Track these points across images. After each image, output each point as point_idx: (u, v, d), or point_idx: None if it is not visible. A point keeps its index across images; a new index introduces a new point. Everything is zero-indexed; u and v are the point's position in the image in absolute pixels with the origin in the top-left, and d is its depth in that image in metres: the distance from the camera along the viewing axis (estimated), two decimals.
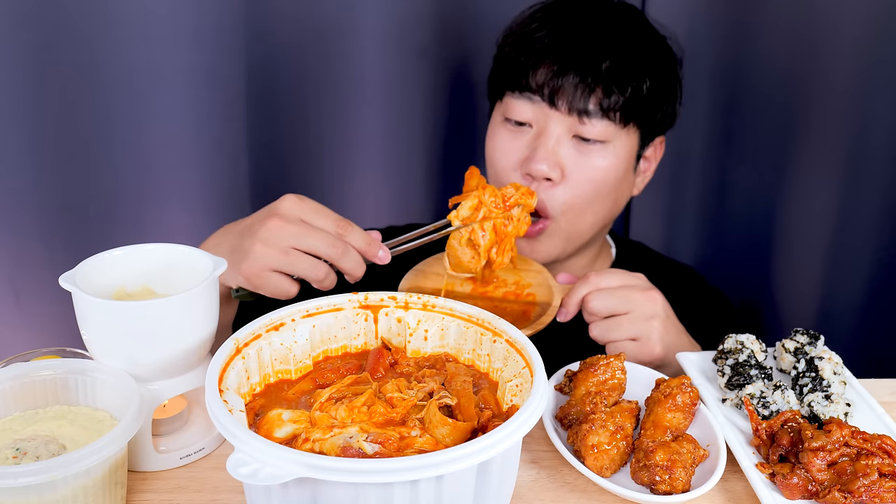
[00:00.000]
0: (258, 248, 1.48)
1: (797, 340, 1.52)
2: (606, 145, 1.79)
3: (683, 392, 1.35)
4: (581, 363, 1.43)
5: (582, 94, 1.76)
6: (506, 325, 1.26)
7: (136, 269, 1.34)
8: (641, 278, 1.67)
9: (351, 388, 1.20)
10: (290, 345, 1.28)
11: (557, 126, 1.78)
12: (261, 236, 1.48)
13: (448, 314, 1.32)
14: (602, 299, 1.61)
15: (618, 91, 1.77)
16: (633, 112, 1.80)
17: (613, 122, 1.78)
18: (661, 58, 1.86)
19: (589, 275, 1.65)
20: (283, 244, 1.47)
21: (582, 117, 1.76)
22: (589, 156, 1.79)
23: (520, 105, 1.81)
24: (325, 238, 1.48)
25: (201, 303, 1.25)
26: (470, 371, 1.27)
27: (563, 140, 1.78)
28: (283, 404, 1.20)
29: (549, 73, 1.77)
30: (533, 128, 1.81)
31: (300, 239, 1.47)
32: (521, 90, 1.81)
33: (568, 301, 1.64)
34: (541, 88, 1.78)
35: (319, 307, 1.31)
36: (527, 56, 1.81)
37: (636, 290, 1.63)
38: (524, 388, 1.18)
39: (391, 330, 1.34)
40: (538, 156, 1.77)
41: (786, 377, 1.51)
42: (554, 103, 1.77)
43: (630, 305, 1.61)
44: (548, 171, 1.76)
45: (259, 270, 1.49)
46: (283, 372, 1.27)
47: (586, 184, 1.80)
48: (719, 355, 1.49)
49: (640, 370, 1.47)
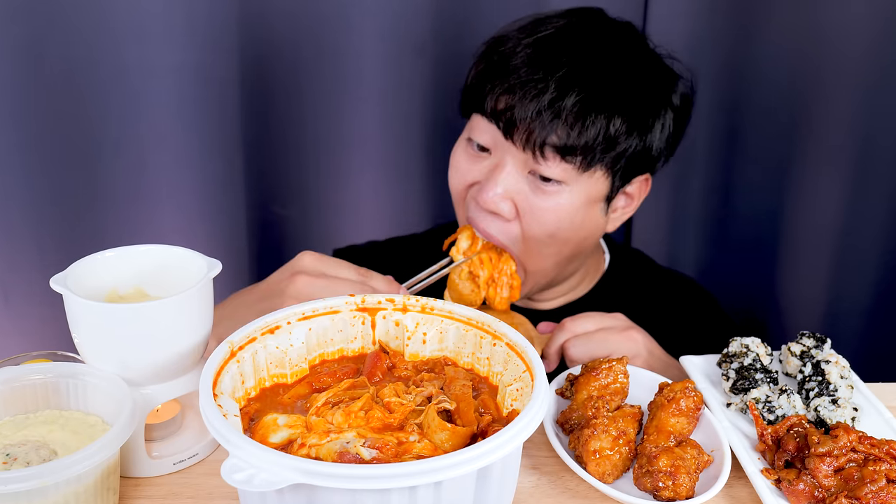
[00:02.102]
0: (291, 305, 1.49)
1: (803, 344, 1.52)
2: (563, 186, 1.70)
3: (687, 396, 1.35)
4: (583, 367, 1.43)
5: (539, 131, 1.66)
6: (506, 329, 1.26)
7: (129, 270, 1.34)
8: (620, 318, 1.67)
9: (348, 392, 1.20)
10: (285, 348, 1.27)
11: (512, 159, 1.71)
12: (291, 293, 1.52)
13: (447, 317, 1.32)
14: (580, 345, 1.61)
15: (579, 132, 1.66)
16: (599, 156, 1.69)
17: (573, 165, 1.68)
18: (644, 88, 1.74)
19: (565, 322, 1.65)
20: (315, 297, 1.49)
21: (537, 155, 1.68)
22: (544, 196, 1.71)
23: (481, 128, 1.74)
24: (353, 287, 1.52)
25: (195, 305, 1.25)
26: (469, 375, 1.27)
27: (517, 174, 1.71)
28: (278, 409, 1.20)
29: (509, 101, 1.69)
30: (492, 155, 1.75)
31: (330, 290, 1.51)
32: (483, 113, 1.74)
33: (548, 351, 1.65)
34: (497, 116, 1.70)
35: (315, 310, 1.31)
36: (489, 79, 1.73)
37: (614, 332, 1.63)
38: (525, 392, 1.18)
39: (389, 333, 1.34)
40: (487, 188, 1.71)
41: (792, 381, 1.51)
42: (510, 135, 1.69)
43: (610, 348, 1.61)
44: (495, 207, 1.71)
45: None
46: (279, 376, 1.27)
47: (539, 225, 1.72)
48: (724, 359, 1.49)
49: (643, 374, 1.47)
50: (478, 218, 1.75)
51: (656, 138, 1.76)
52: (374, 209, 2.45)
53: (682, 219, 2.55)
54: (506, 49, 1.74)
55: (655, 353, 1.65)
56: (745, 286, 2.55)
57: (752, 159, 2.46)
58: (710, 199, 2.53)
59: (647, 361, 1.62)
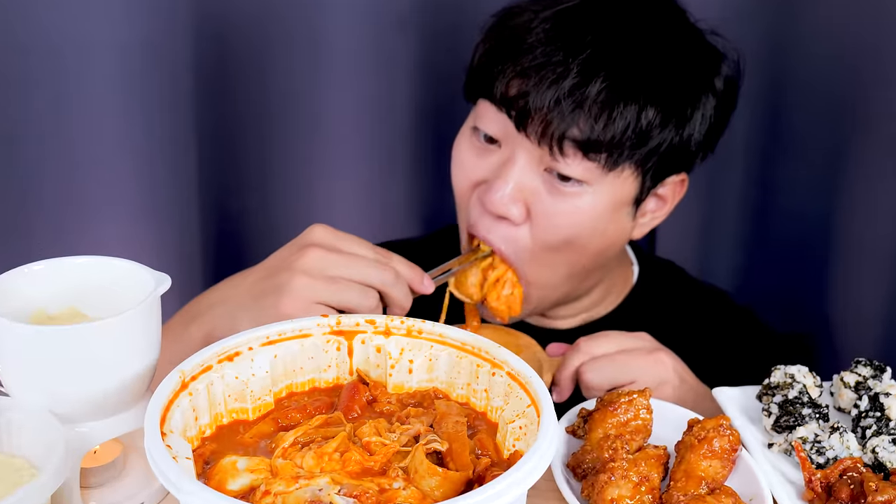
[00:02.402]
0: (302, 280, 1.52)
1: (859, 373, 1.52)
2: (584, 187, 1.70)
3: (721, 435, 1.35)
4: (598, 401, 1.43)
5: (557, 123, 1.65)
6: (507, 355, 1.27)
7: (60, 286, 1.34)
8: (645, 338, 1.67)
9: (320, 430, 1.20)
10: (246, 378, 1.28)
11: (525, 153, 1.71)
12: (302, 267, 1.53)
13: (437, 341, 1.32)
14: (598, 370, 1.61)
15: (605, 124, 1.65)
16: (627, 153, 1.69)
17: (597, 164, 1.68)
18: (682, 71, 1.74)
19: (580, 342, 1.65)
20: (329, 273, 1.52)
21: (555, 151, 1.68)
22: (561, 198, 1.71)
23: (490, 117, 1.75)
24: (374, 264, 1.55)
25: (140, 328, 1.25)
26: (464, 410, 1.27)
27: (531, 172, 1.71)
28: (238, 450, 1.20)
29: (522, 86, 1.68)
30: (501, 148, 1.75)
31: (348, 266, 1.53)
32: (491, 100, 1.74)
33: (560, 377, 1.65)
34: (509, 104, 1.70)
35: (282, 333, 1.32)
36: (499, 59, 1.72)
37: (638, 355, 1.63)
38: (529, 430, 1.18)
39: (369, 360, 1.34)
40: (495, 187, 1.71)
41: (845, 417, 1.52)
42: (523, 126, 1.69)
43: (634, 374, 1.61)
44: (505, 209, 1.71)
45: (304, 304, 1.52)
46: (239, 411, 1.27)
47: (554, 231, 1.73)
48: (765, 391, 1.49)
49: (670, 409, 1.48)
50: (479, 223, 1.76)
51: (695, 130, 1.75)
52: (352, 213, 2.45)
53: (716, 223, 2.56)
54: (519, 23, 1.74)
55: (687, 380, 1.65)
56: (789, 303, 2.55)
57: (797, 152, 2.47)
58: (748, 199, 2.54)
59: (677, 390, 1.62)
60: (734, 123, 2.41)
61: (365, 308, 1.53)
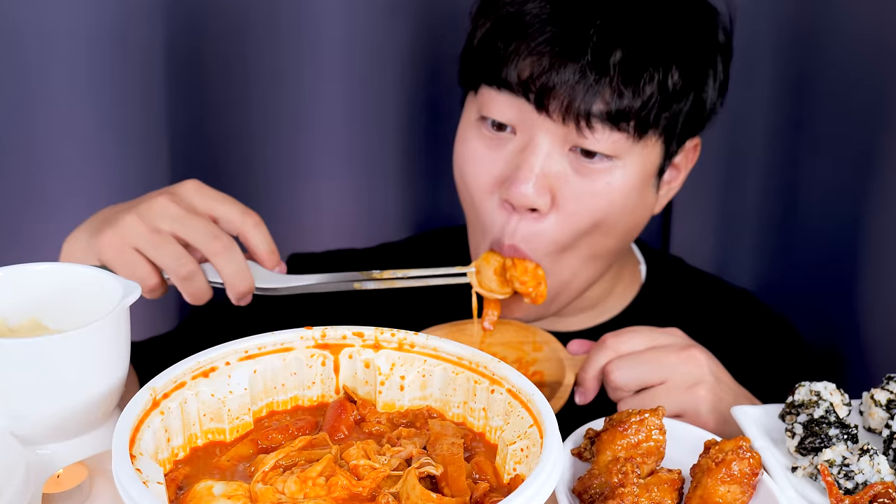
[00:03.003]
0: (129, 219, 1.58)
1: (891, 390, 1.52)
2: (615, 161, 1.73)
3: (741, 458, 1.35)
4: (606, 420, 1.43)
5: (583, 97, 1.68)
6: (507, 371, 1.27)
7: (21, 296, 1.35)
8: (676, 334, 1.68)
9: (304, 453, 1.20)
10: (223, 396, 1.28)
11: (548, 135, 1.72)
12: (140, 210, 1.59)
13: (431, 355, 1.32)
14: (627, 369, 1.61)
15: (633, 92, 1.69)
16: (655, 118, 1.73)
17: (626, 134, 1.72)
18: (696, 29, 1.79)
19: (605, 338, 1.65)
20: (157, 224, 1.58)
21: (582, 127, 1.70)
22: (591, 177, 1.73)
23: (500, 102, 1.75)
24: (207, 227, 1.59)
25: (107, 341, 1.25)
26: (460, 430, 1.27)
27: (555, 154, 1.73)
28: (214, 474, 1.21)
29: (537, 65, 1.70)
30: (517, 134, 1.76)
31: (178, 222, 1.58)
32: (499, 85, 1.75)
33: (584, 376, 1.65)
34: (525, 86, 1.71)
35: (262, 346, 1.32)
36: (506, 39, 1.74)
37: (670, 352, 1.63)
38: (531, 452, 1.18)
39: (357, 377, 1.35)
40: (521, 176, 1.71)
41: (876, 438, 1.52)
42: (544, 107, 1.70)
43: (665, 372, 1.61)
44: (534, 198, 1.71)
45: (119, 244, 1.58)
46: (215, 431, 1.27)
47: (584, 216, 1.75)
48: (788, 410, 1.49)
49: (684, 429, 1.48)
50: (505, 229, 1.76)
51: (710, 88, 1.81)
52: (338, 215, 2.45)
53: (735, 226, 2.56)
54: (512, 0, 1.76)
55: (723, 379, 1.65)
56: (814, 314, 2.55)
57: (823, 152, 2.47)
58: (770, 201, 2.54)
59: (713, 390, 1.62)
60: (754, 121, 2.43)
61: (175, 273, 1.59)
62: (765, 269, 2.59)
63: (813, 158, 2.49)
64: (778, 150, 2.50)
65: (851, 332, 2.55)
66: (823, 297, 2.57)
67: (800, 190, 2.53)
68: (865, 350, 2.55)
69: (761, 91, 2.43)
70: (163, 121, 2.33)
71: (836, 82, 2.42)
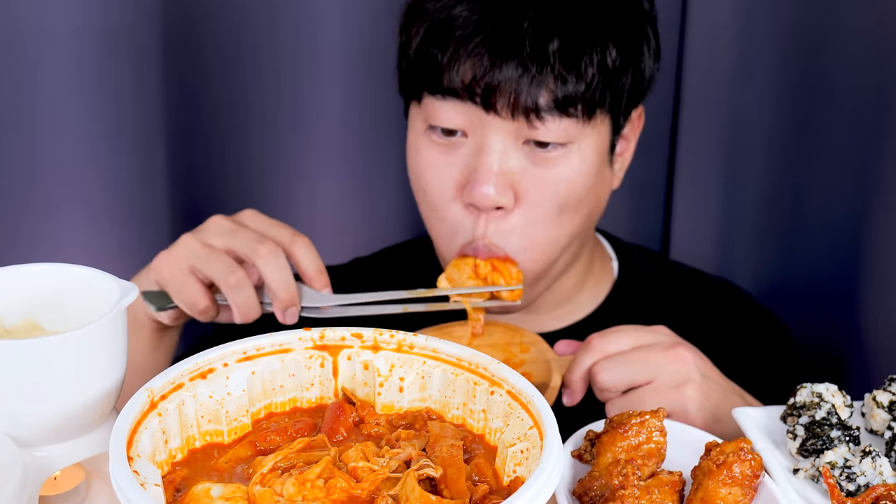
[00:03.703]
0: (184, 238, 1.66)
1: (893, 391, 1.53)
2: (569, 147, 1.76)
3: (742, 460, 1.35)
4: (607, 422, 1.43)
5: (528, 90, 1.70)
6: (507, 372, 1.27)
7: (18, 297, 1.34)
8: (663, 332, 1.68)
9: (302, 454, 1.20)
10: (221, 397, 1.28)
11: (500, 134, 1.74)
12: (195, 230, 1.67)
13: (431, 357, 1.32)
14: (613, 369, 1.61)
15: (576, 77, 1.72)
16: (601, 97, 1.76)
17: (575, 119, 1.74)
18: (625, 4, 1.81)
19: (591, 338, 1.65)
20: (210, 240, 1.64)
21: (532, 119, 1.72)
22: (548, 166, 1.76)
23: (445, 109, 1.77)
24: (255, 235, 1.66)
25: (104, 342, 1.25)
26: (460, 432, 1.27)
27: (510, 150, 1.75)
28: (212, 476, 1.21)
29: (478, 67, 1.71)
30: (469, 137, 1.77)
31: (229, 234, 1.65)
32: (442, 93, 1.76)
33: (570, 378, 1.65)
34: (470, 89, 1.73)
35: (260, 348, 1.32)
36: (442, 46, 1.75)
37: (657, 351, 1.63)
38: (531, 454, 1.19)
39: (355, 378, 1.35)
40: (481, 178, 1.73)
41: (878, 440, 1.52)
42: (491, 106, 1.72)
43: (652, 372, 1.61)
44: (497, 197, 1.73)
45: (173, 262, 1.67)
46: (213, 433, 1.28)
47: (549, 204, 1.77)
48: (790, 411, 1.49)
49: (685, 431, 1.48)
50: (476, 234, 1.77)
51: (647, 58, 1.84)
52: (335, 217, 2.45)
53: (737, 229, 2.56)
54: (441, 3, 1.77)
55: (711, 376, 1.65)
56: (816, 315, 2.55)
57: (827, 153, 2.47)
58: (771, 203, 2.54)
59: (701, 388, 1.62)
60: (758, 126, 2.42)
61: (225, 282, 1.63)
62: (766, 271, 2.59)
63: (815, 160, 2.49)
64: (779, 152, 2.49)
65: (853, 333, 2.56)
66: (825, 298, 2.57)
67: (802, 192, 2.52)
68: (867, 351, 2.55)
69: (762, 92, 2.42)
70: (159, 121, 2.33)
71: (839, 84, 2.42)
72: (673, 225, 2.54)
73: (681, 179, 2.49)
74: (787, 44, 2.40)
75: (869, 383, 2.46)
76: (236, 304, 1.65)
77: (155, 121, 2.33)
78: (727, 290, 2.15)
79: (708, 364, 1.66)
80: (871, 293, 2.53)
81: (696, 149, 2.45)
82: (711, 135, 2.34)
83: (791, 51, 2.41)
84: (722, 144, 2.40)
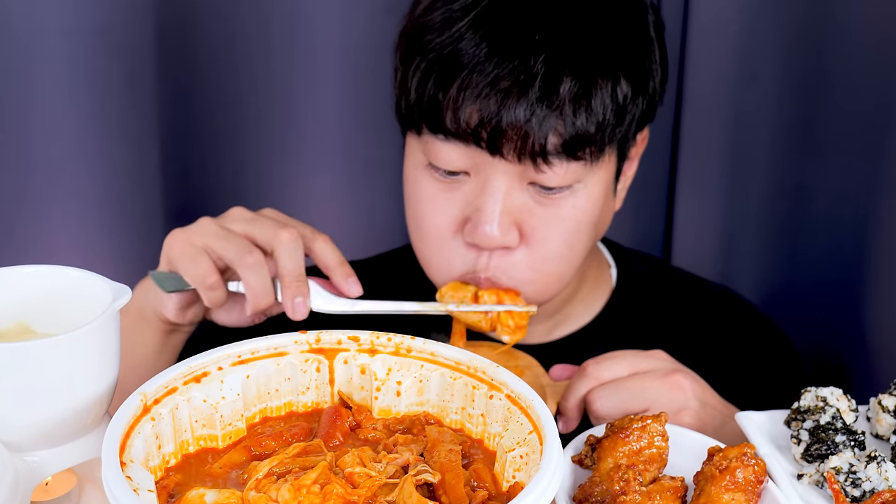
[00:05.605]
0: (202, 220, 1.68)
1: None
2: (575, 186, 1.71)
3: (745, 465, 1.35)
4: (608, 427, 1.43)
5: (536, 133, 1.63)
6: (507, 376, 1.27)
7: (8, 299, 1.34)
8: (661, 358, 1.67)
9: (298, 460, 1.20)
10: (215, 402, 1.28)
11: (505, 175, 1.68)
12: (215, 217, 1.69)
13: (429, 360, 1.32)
14: (609, 397, 1.61)
15: (586, 117, 1.65)
16: (610, 135, 1.70)
17: (583, 161, 1.68)
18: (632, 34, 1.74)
19: (587, 365, 1.64)
20: (230, 225, 1.67)
21: (539, 164, 1.66)
22: (555, 206, 1.71)
23: (447, 150, 1.70)
24: (274, 224, 1.67)
25: (96, 345, 1.25)
26: (458, 437, 1.27)
27: (514, 190, 1.69)
28: (206, 481, 1.21)
29: (485, 109, 1.64)
30: (472, 176, 1.72)
31: (247, 221, 1.67)
32: (445, 134, 1.69)
33: (566, 406, 1.65)
34: (476, 134, 1.66)
35: (255, 351, 1.32)
36: (445, 85, 1.68)
37: (654, 378, 1.62)
38: (531, 459, 1.19)
39: (352, 382, 1.35)
40: (484, 218, 1.68)
41: (883, 445, 1.52)
42: (497, 150, 1.65)
43: (647, 400, 1.61)
44: (501, 237, 1.69)
45: (186, 239, 1.68)
46: (207, 438, 1.28)
47: (556, 242, 1.73)
48: (794, 416, 1.49)
49: (688, 436, 1.48)
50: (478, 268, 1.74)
51: (657, 82, 1.79)
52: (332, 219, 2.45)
53: (739, 232, 2.56)
54: (444, 36, 1.70)
55: (710, 402, 1.65)
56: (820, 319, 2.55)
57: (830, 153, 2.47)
58: (775, 206, 2.54)
59: (698, 416, 1.62)
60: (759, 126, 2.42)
61: (241, 261, 1.63)
62: (769, 275, 2.59)
63: (818, 161, 2.49)
64: (782, 153, 2.49)
65: (857, 338, 2.56)
66: (829, 303, 2.57)
67: (805, 195, 2.52)
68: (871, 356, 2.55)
69: (765, 92, 2.43)
70: (153, 121, 2.33)
71: (842, 83, 2.42)
72: (675, 228, 2.54)
73: (683, 181, 2.49)
74: (790, 43, 2.40)
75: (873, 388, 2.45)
76: (251, 286, 1.63)
77: (148, 121, 2.33)
78: (728, 298, 2.12)
79: (706, 390, 1.65)
80: (875, 296, 2.53)
81: (698, 150, 2.45)
82: (714, 136, 2.34)
83: (793, 50, 2.41)
84: (724, 146, 2.40)
